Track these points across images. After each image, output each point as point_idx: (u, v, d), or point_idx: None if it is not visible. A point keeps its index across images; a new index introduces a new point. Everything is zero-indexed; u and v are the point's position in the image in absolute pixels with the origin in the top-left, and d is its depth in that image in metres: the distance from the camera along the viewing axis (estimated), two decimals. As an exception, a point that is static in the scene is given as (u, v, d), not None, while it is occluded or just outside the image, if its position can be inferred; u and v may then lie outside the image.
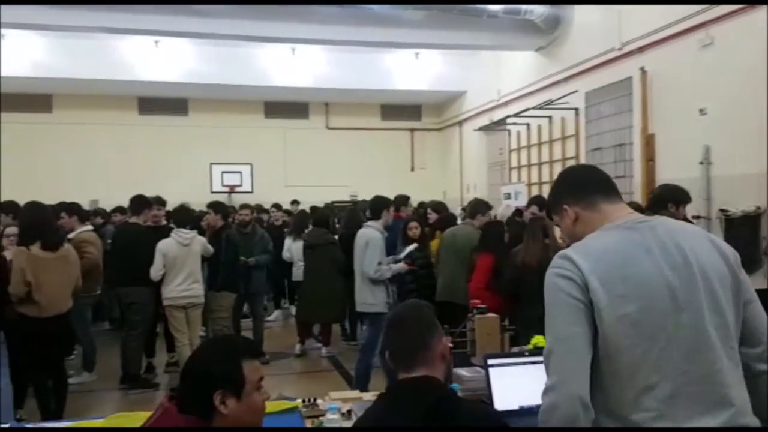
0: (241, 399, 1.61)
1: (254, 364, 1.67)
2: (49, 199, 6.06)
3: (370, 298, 5.29)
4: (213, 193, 12.86)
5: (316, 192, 13.38)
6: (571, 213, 1.82)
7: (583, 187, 1.84)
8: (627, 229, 1.72)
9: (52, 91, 13.88)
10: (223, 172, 14.02)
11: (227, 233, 6.61)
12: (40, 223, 4.81)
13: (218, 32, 10.24)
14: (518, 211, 6.66)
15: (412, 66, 13.86)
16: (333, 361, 6.99)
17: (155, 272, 5.85)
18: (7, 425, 2.60)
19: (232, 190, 13.90)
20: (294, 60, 13.22)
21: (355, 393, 2.75)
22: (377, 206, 5.62)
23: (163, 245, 5.88)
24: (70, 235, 5.99)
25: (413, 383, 1.76)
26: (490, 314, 2.79)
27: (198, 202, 11.45)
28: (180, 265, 5.88)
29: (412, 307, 1.95)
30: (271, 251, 7.33)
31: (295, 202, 12.59)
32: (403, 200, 7.59)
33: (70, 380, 5.52)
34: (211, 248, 6.16)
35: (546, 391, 1.60)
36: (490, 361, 2.47)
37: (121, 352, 6.21)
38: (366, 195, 12.33)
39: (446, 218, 6.54)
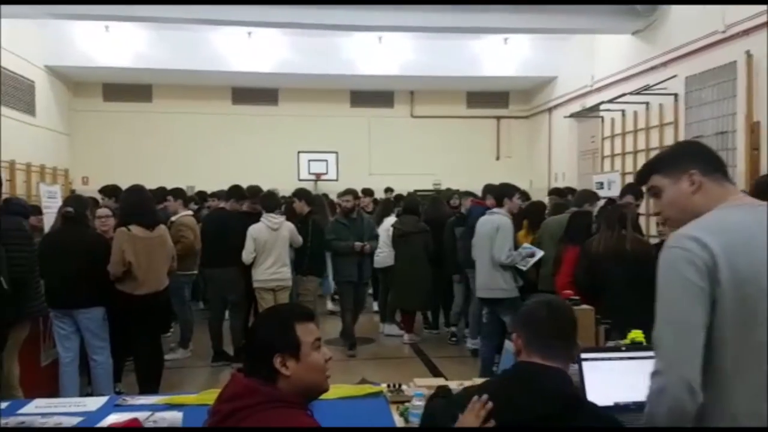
0: (300, 360, 1.69)
1: (308, 327, 1.75)
2: (149, 184, 6.37)
3: (502, 284, 5.29)
4: (300, 180, 13.15)
5: (399, 180, 13.38)
6: (696, 179, 1.73)
7: (713, 159, 1.79)
8: (749, 208, 1.67)
9: (152, 81, 14.59)
10: (309, 160, 14.28)
11: (313, 219, 6.73)
12: (139, 205, 5.06)
13: (308, 22, 10.40)
14: (611, 201, 6.37)
15: (500, 51, 13.56)
16: (415, 348, 6.99)
17: (247, 255, 6.05)
18: (107, 397, 2.74)
19: (318, 177, 14.15)
20: (380, 48, 13.25)
21: (440, 380, 2.70)
22: (500, 193, 5.62)
23: (254, 230, 6.07)
24: (173, 218, 6.32)
25: (548, 372, 1.77)
26: (584, 306, 2.68)
27: (285, 189, 11.76)
28: (269, 250, 6.05)
29: (561, 301, 1.97)
30: (377, 236, 7.12)
31: (388, 190, 12.57)
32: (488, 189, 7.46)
33: (166, 356, 5.79)
34: (299, 239, 6.25)
35: (654, 375, 1.58)
36: (583, 355, 2.37)
37: (210, 330, 6.47)
38: (450, 184, 12.24)
39: (535, 207, 6.35)
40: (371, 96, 15.38)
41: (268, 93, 15.20)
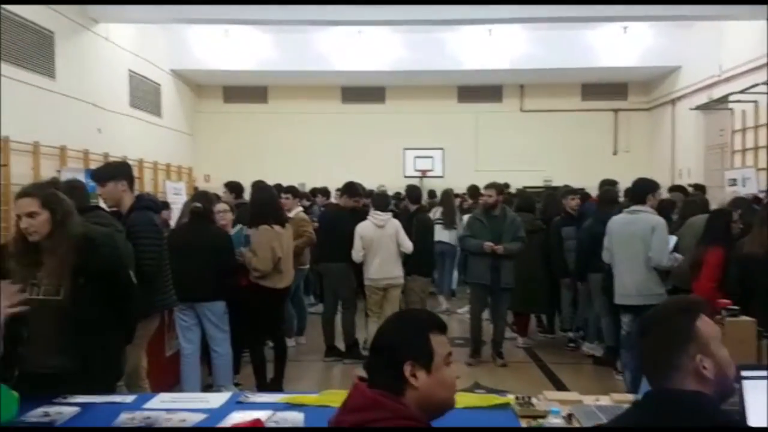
0: (431, 372, 1.56)
1: (441, 339, 1.62)
2: (266, 181, 6.54)
3: (656, 288, 4.84)
4: (406, 177, 13.16)
5: (508, 177, 12.91)
6: None
7: None
8: None
9: (268, 83, 15.13)
10: (415, 157, 14.28)
11: (418, 217, 6.62)
12: (271, 203, 5.19)
13: (418, 18, 10.36)
14: (756, 199, 5.80)
15: (619, 41, 12.87)
16: (530, 353, 6.70)
17: (356, 254, 6.05)
18: (230, 394, 2.75)
19: (424, 174, 14.09)
20: (489, 42, 12.97)
21: (574, 395, 2.47)
22: (644, 189, 5.14)
23: (361, 228, 6.07)
24: (290, 215, 6.47)
25: (680, 398, 1.52)
26: (745, 317, 2.36)
27: (391, 186, 11.79)
28: (377, 248, 6.01)
29: (666, 310, 1.67)
30: (523, 238, 6.19)
31: (506, 186, 12.19)
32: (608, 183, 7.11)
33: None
34: (408, 243, 6.12)
35: None
36: (744, 373, 2.07)
37: (322, 325, 6.53)
38: (563, 180, 11.75)
39: (665, 205, 5.90)
40: (479, 91, 15.12)
41: (376, 91, 15.33)
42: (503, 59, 13.20)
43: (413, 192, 6.93)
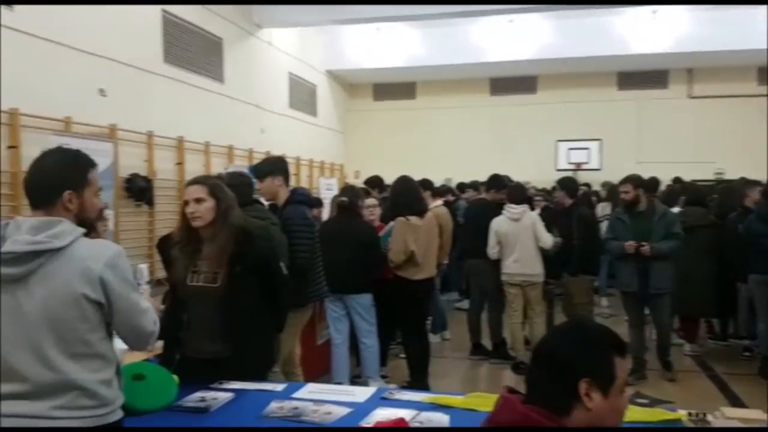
0: (607, 396, 1.40)
1: (624, 363, 1.45)
2: (413, 176, 6.54)
3: None
4: (558, 170, 12.65)
5: (673, 169, 12.02)
6: None
7: None
8: None
9: (416, 79, 15.27)
10: (569, 149, 13.70)
11: (579, 212, 6.21)
12: (408, 194, 5.19)
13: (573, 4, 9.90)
14: None
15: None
16: (698, 361, 6.10)
17: (490, 250, 5.87)
18: (375, 389, 2.75)
19: (578, 167, 13.46)
20: (653, 23, 12.07)
21: (758, 413, 2.14)
22: None
23: (495, 223, 5.87)
24: (427, 209, 6.42)
25: None
26: None
27: (542, 180, 11.37)
28: (513, 242, 5.77)
29: None
30: (678, 234, 5.45)
31: (677, 180, 11.32)
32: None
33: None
34: (546, 238, 5.77)
35: None
36: None
37: (468, 322, 6.40)
38: (736, 173, 10.62)
39: None
40: (641, 77, 14.18)
41: (527, 81, 14.91)
42: (668, 41, 12.25)
43: (569, 184, 6.41)
